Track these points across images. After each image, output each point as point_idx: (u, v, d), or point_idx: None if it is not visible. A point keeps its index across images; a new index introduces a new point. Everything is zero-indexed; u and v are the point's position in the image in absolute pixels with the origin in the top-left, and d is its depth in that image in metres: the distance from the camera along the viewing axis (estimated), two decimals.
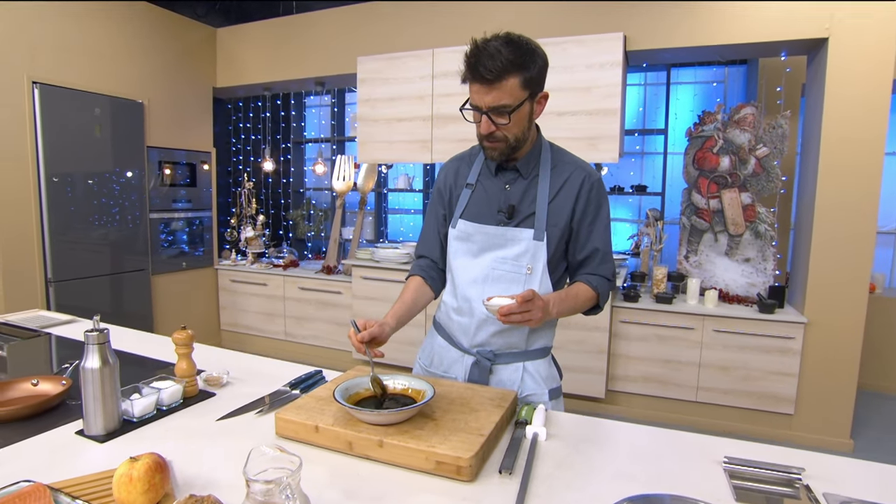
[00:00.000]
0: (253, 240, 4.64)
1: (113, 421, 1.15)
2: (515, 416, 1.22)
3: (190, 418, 1.23)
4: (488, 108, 1.22)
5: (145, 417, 1.21)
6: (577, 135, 3.32)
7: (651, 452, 1.08)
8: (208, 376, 1.43)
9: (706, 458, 1.05)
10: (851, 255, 2.90)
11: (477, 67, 1.18)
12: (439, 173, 1.52)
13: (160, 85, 4.13)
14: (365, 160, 4.02)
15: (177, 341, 1.33)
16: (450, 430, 1.05)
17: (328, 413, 1.12)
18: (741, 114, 3.28)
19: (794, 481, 0.95)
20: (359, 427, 1.05)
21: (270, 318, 4.48)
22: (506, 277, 1.35)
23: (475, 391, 1.26)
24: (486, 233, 1.36)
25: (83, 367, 1.11)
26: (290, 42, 4.25)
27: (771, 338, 3.03)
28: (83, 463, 1.02)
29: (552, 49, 3.27)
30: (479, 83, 1.20)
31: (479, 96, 1.22)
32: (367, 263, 3.90)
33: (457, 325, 1.42)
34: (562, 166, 1.37)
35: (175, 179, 4.28)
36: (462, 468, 0.95)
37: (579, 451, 1.08)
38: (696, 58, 3.54)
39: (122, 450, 1.07)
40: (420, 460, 0.98)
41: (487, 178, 1.40)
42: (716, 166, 3.38)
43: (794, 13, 2.90)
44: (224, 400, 1.33)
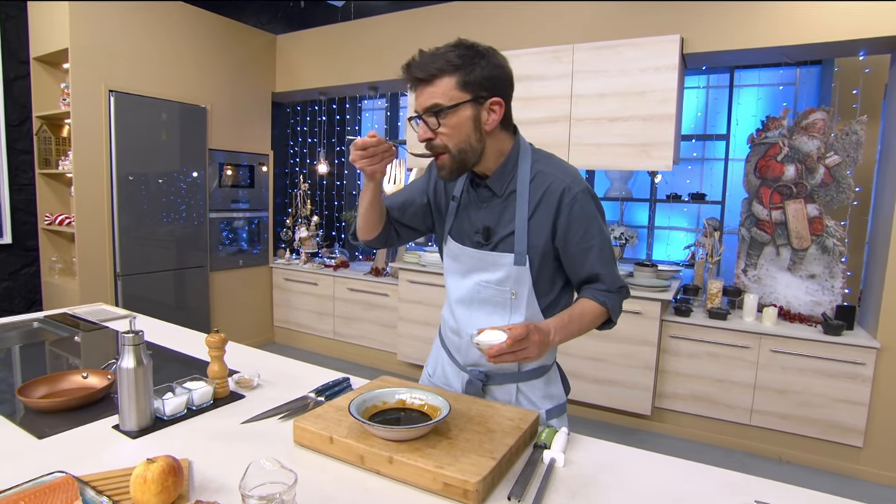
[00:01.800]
0: (307, 240, 4.77)
1: (145, 418, 1.20)
2: (535, 439, 1.18)
3: (217, 419, 1.27)
4: (422, 110, 1.14)
5: (176, 416, 1.26)
6: (629, 141, 3.20)
7: (674, 489, 1.02)
8: (240, 378, 1.47)
9: (733, 498, 0.97)
10: None
11: (409, 69, 1.13)
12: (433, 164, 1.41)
13: (222, 90, 4.33)
14: (414, 164, 4.05)
15: (210, 344, 1.38)
16: (462, 450, 1.02)
17: (344, 425, 1.12)
18: (810, 119, 3.06)
19: None
20: (371, 441, 1.04)
21: (320, 316, 4.59)
22: (491, 301, 1.29)
23: (495, 409, 1.23)
24: (468, 255, 1.30)
25: (119, 366, 1.17)
26: (346, 47, 4.35)
27: (837, 362, 2.80)
28: (114, 457, 1.07)
29: (605, 52, 3.20)
30: (413, 86, 1.15)
31: (417, 100, 1.16)
32: (413, 267, 3.93)
33: (451, 342, 1.41)
34: (540, 177, 1.22)
35: (235, 180, 4.48)
36: (469, 492, 0.92)
37: (597, 482, 1.03)
38: (761, 59, 3.33)
39: (150, 446, 1.12)
40: (428, 480, 0.96)
41: (469, 194, 1.31)
42: (780, 175, 3.17)
43: (875, 8, 2.66)
44: (252, 402, 1.37)
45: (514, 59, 3.51)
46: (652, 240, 4.28)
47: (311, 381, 1.50)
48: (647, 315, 3.17)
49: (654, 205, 4.21)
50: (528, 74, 3.44)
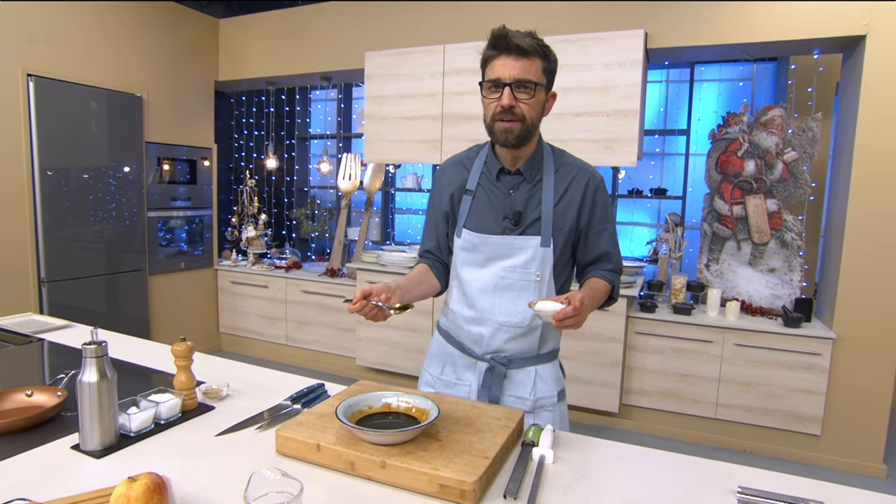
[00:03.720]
0: (255, 240, 4.69)
1: (110, 436, 1.18)
2: (522, 437, 1.24)
3: (188, 433, 1.26)
4: (513, 80, 1.27)
5: (143, 432, 1.24)
6: (593, 136, 3.33)
7: (661, 479, 1.10)
8: (207, 389, 1.46)
9: (719, 486, 1.06)
10: (885, 266, 2.89)
11: (508, 39, 1.26)
12: (439, 174, 1.58)
13: (160, 78, 4.19)
14: (372, 160, 4.06)
15: (176, 353, 1.36)
16: (454, 451, 1.07)
17: (330, 431, 1.14)
18: (769, 115, 3.28)
19: None
20: (361, 447, 1.07)
21: (271, 321, 4.53)
22: (515, 286, 1.41)
23: (481, 410, 1.28)
24: (492, 243, 1.42)
25: (80, 380, 1.15)
26: (296, 35, 4.30)
27: (796, 353, 3.02)
28: (78, 479, 1.05)
29: (571, 46, 3.31)
30: (506, 55, 1.27)
31: (505, 69, 1.27)
32: (372, 267, 3.94)
33: (467, 333, 1.48)
34: (565, 168, 1.43)
35: (174, 176, 4.34)
36: (466, 492, 0.97)
37: (587, 476, 1.10)
38: (721, 56, 3.54)
39: (118, 466, 1.10)
40: (423, 483, 1.00)
41: (489, 183, 1.44)
42: (740, 171, 3.38)
43: (829, 9, 2.89)
44: (223, 414, 1.36)
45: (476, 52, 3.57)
46: None
47: (283, 389, 1.51)
48: (614, 311, 3.31)
49: (615, 200, 4.38)
50: None
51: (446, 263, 1.58)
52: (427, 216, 1.61)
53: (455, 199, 1.50)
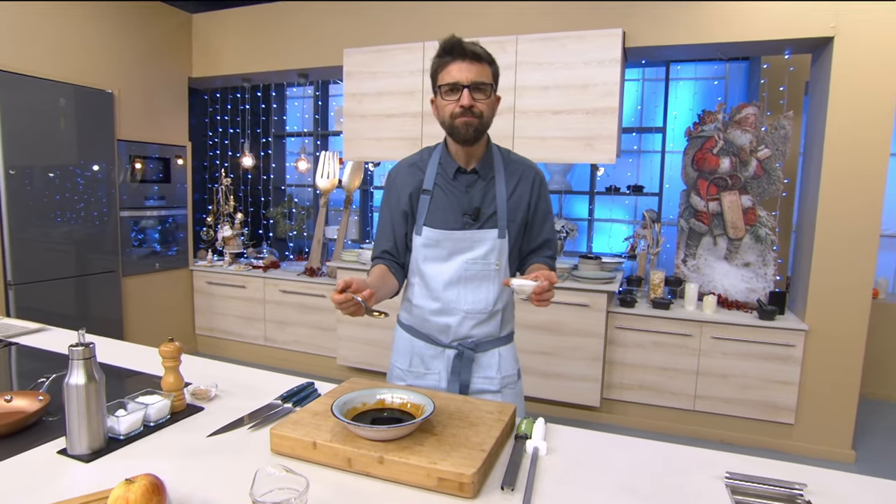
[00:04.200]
0: (231, 239, 4.63)
1: (98, 439, 1.16)
2: (515, 430, 1.27)
3: (179, 434, 1.25)
4: (470, 83, 1.40)
5: (132, 434, 1.23)
6: (573, 134, 3.38)
7: (652, 467, 1.14)
8: (196, 389, 1.45)
9: (707, 472, 1.11)
10: (854, 260, 3.00)
11: (463, 46, 1.41)
12: (393, 177, 1.63)
13: (132, 74, 4.11)
14: (351, 157, 4.05)
15: (164, 354, 1.35)
16: (451, 445, 1.09)
17: (325, 429, 1.15)
18: (742, 114, 3.37)
19: (795, 497, 1.01)
20: (358, 443, 1.09)
21: (249, 322, 4.48)
22: (478, 276, 1.55)
23: (474, 405, 1.30)
24: (454, 238, 1.53)
25: (67, 383, 1.13)
26: (272, 31, 4.26)
27: (771, 345, 3.12)
28: (68, 484, 1.03)
29: (551, 45, 3.35)
30: (461, 60, 1.41)
31: (462, 73, 1.40)
32: (352, 265, 3.93)
33: (434, 325, 1.58)
34: (513, 165, 1.59)
35: (147, 175, 4.26)
36: (465, 485, 0.99)
37: (580, 466, 1.13)
38: (696, 55, 3.63)
39: (109, 469, 1.09)
40: (422, 477, 1.02)
41: (446, 183, 1.55)
42: (716, 168, 3.47)
43: (799, 11, 2.98)
44: (213, 414, 1.36)
45: None
46: (592, 232, 4.52)
47: (271, 389, 1.51)
48: (594, 307, 3.37)
49: (593, 197, 4.45)
50: None
51: (402, 263, 1.64)
52: (381, 218, 1.65)
53: (413, 198, 1.57)
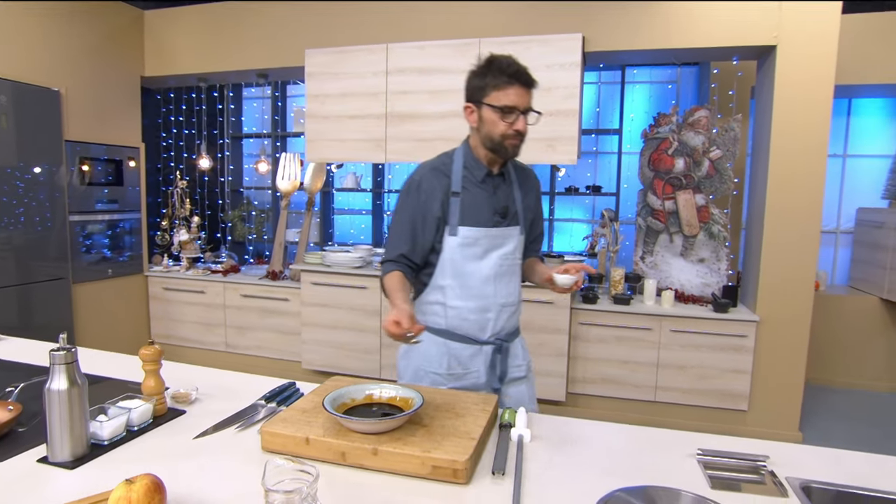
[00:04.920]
0: (187, 243, 4.53)
1: (81, 445, 1.15)
2: (499, 420, 1.33)
3: (164, 437, 1.26)
4: (525, 108, 1.54)
5: (115, 439, 1.23)
6: (536, 136, 3.45)
7: (629, 449, 1.22)
8: (176, 393, 1.45)
9: (680, 451, 1.20)
10: (798, 255, 3.22)
11: (523, 73, 1.53)
12: (416, 180, 1.64)
13: (80, 72, 3.97)
14: (313, 159, 4.03)
15: (145, 357, 1.35)
16: (441, 435, 1.14)
17: (316, 424, 1.18)
18: (695, 116, 3.55)
19: (759, 468, 1.11)
20: (351, 437, 1.12)
21: (209, 328, 4.39)
22: (508, 271, 1.67)
23: (458, 397, 1.36)
24: (490, 235, 1.63)
25: (48, 388, 1.12)
26: (231, 30, 4.19)
27: (725, 336, 3.30)
28: (53, 492, 1.02)
29: (515, 47, 3.40)
30: (521, 86, 1.53)
31: (521, 98, 1.53)
32: (317, 268, 3.91)
33: (473, 323, 1.65)
34: (520, 170, 1.75)
35: (97, 177, 4.12)
36: (458, 471, 1.04)
37: (563, 451, 1.20)
38: (651, 60, 3.79)
39: (95, 475, 1.08)
40: (416, 466, 1.06)
41: (474, 185, 1.63)
42: (671, 168, 3.64)
43: (745, 21, 3.18)
44: (196, 417, 1.36)
45: (419, 52, 3.68)
46: (553, 232, 4.65)
47: (252, 390, 1.52)
48: (558, 304, 3.48)
49: (553, 198, 4.57)
50: (434, 67, 3.60)
51: (416, 268, 1.66)
52: (400, 221, 1.64)
53: (444, 202, 1.61)
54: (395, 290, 1.52)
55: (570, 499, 1.01)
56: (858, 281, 4.43)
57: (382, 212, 5.00)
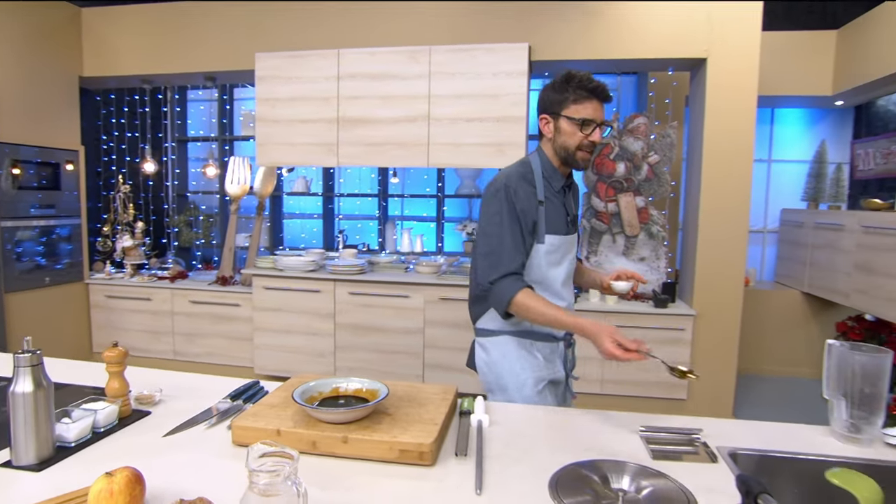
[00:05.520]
0: (131, 250, 4.41)
1: (47, 448, 1.15)
2: (458, 408, 1.42)
3: (132, 437, 1.27)
4: (601, 122, 1.63)
5: (81, 441, 1.23)
6: (486, 140, 3.60)
7: (579, 429, 1.33)
8: (139, 395, 1.46)
9: (625, 429, 1.32)
10: (729, 253, 3.48)
11: (602, 90, 1.61)
12: (512, 188, 1.62)
13: (12, 70, 3.80)
14: (264, 163, 4.02)
15: (109, 360, 1.36)
16: (406, 422, 1.22)
17: (286, 417, 1.23)
18: (634, 123, 3.77)
19: (694, 440, 1.24)
20: (321, 427, 1.18)
21: (155, 336, 4.29)
22: (571, 273, 1.79)
23: (419, 388, 1.44)
24: (567, 242, 1.72)
25: (13, 391, 1.13)
26: (178, 31, 4.12)
27: (665, 330, 3.52)
28: (19, 496, 1.02)
29: (463, 55, 3.56)
30: (598, 101, 1.62)
31: (598, 113, 1.62)
32: (269, 272, 3.90)
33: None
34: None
35: (31, 181, 3.96)
36: (424, 453, 1.12)
37: (519, 433, 1.30)
38: (593, 69, 3.99)
39: (63, 476, 1.09)
40: (384, 451, 1.13)
41: (553, 194, 1.71)
42: (612, 172, 3.84)
43: (679, 35, 3.42)
44: (161, 417, 1.38)
45: (370, 57, 3.74)
46: None
47: (216, 390, 1.55)
48: None
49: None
50: (386, 73, 3.67)
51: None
52: (508, 232, 1.60)
53: (530, 211, 1.64)
54: (555, 308, 1.54)
55: (528, 474, 1.10)
56: (783, 276, 4.78)
57: (333, 216, 5.02)
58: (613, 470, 1.10)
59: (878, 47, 3.61)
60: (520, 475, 1.10)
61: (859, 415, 1.24)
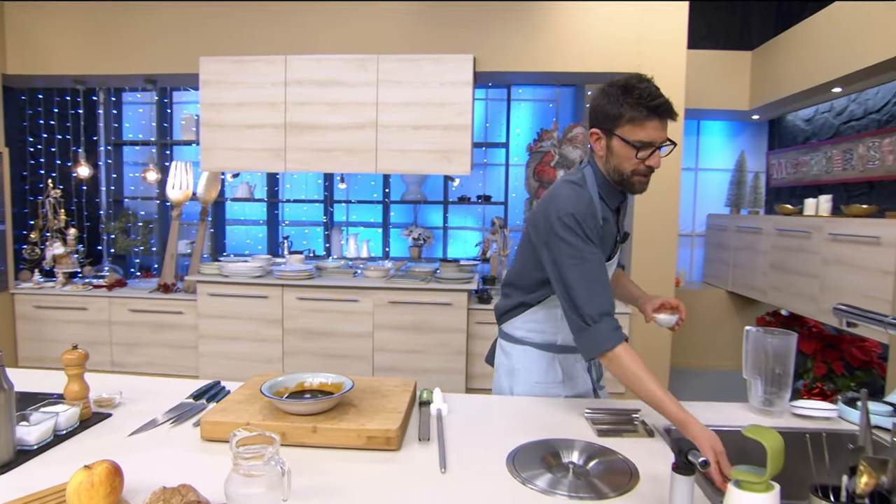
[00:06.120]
0: (63, 257, 4.22)
1: (8, 451, 1.15)
2: (418, 399, 1.50)
3: (96, 438, 1.28)
4: (661, 142, 1.39)
5: (42, 444, 1.23)
6: (432, 148, 3.71)
7: (531, 414, 1.45)
8: (98, 398, 1.46)
9: (573, 413, 1.44)
10: (661, 255, 3.73)
11: (663, 107, 1.36)
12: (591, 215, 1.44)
13: None
14: (209, 168, 3.97)
15: (68, 362, 1.36)
16: (371, 411, 1.29)
17: (254, 411, 1.28)
18: (573, 132, 3.98)
19: (633, 419, 1.38)
20: (290, 419, 1.24)
21: (92, 347, 4.11)
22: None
23: (381, 381, 1.51)
24: (611, 264, 1.59)
25: None
26: (115, 31, 4.00)
27: None
28: None
29: (410, 65, 3.66)
30: (659, 120, 1.37)
31: (657, 132, 1.37)
32: (215, 279, 3.85)
33: None
34: None
35: None
36: (391, 438, 1.20)
37: (476, 419, 1.40)
38: (535, 81, 4.19)
39: (26, 478, 1.09)
40: (352, 438, 1.21)
41: (607, 213, 1.52)
42: (553, 178, 4.04)
43: (614, 50, 3.66)
44: (123, 419, 1.39)
45: (317, 64, 3.79)
46: (447, 239, 4.91)
47: (177, 391, 1.56)
48: (456, 305, 3.72)
49: (447, 207, 4.84)
50: (333, 80, 3.71)
51: None
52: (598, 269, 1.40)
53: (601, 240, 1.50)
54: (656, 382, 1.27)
55: (487, 453, 1.20)
56: (710, 277, 5.14)
57: (278, 222, 4.98)
58: (564, 447, 1.22)
59: (787, 68, 3.98)
60: (479, 455, 1.20)
61: (772, 391, 1.42)
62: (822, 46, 3.57)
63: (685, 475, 0.89)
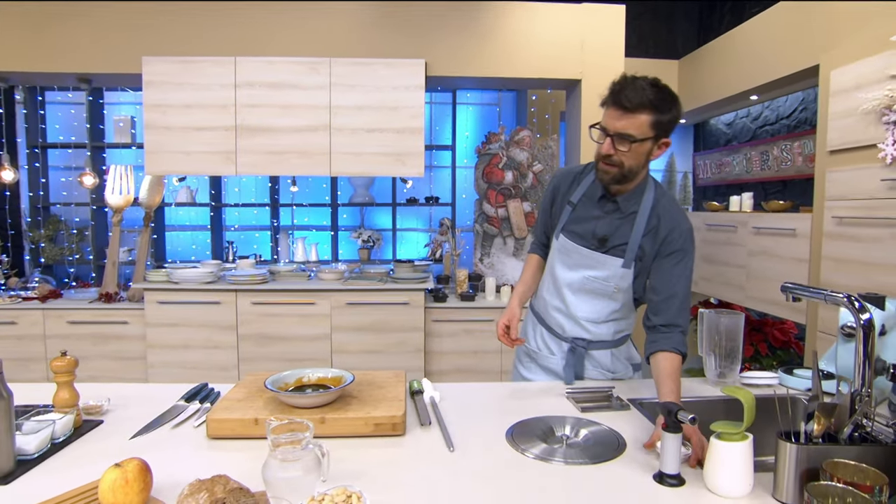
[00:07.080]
0: None
1: (9, 461, 1.13)
2: (409, 390, 1.58)
3: (95, 443, 1.28)
4: (614, 133, 1.42)
5: (41, 453, 1.22)
6: (386, 150, 3.78)
7: (517, 398, 1.56)
8: (86, 405, 1.45)
9: (554, 394, 1.57)
10: None
11: (619, 94, 1.39)
12: (557, 176, 1.74)
13: None
14: (155, 171, 3.84)
15: (58, 369, 1.35)
16: (374, 400, 1.36)
17: (259, 407, 1.32)
18: (520, 135, 4.16)
19: (609, 396, 1.53)
20: (298, 412, 1.29)
21: (23, 363, 3.88)
22: (596, 291, 1.63)
23: (374, 374, 1.58)
24: (580, 253, 1.62)
25: None
26: (45, 28, 3.78)
27: None
28: None
29: (363, 69, 3.71)
30: (615, 108, 1.41)
31: (612, 121, 1.42)
32: (163, 286, 3.73)
33: (553, 319, 1.73)
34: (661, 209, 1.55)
35: None
36: (397, 424, 1.28)
37: (468, 405, 1.50)
38: (480, 85, 4.33)
39: (33, 488, 1.07)
40: (360, 426, 1.27)
41: (590, 202, 1.60)
42: (501, 180, 4.20)
43: (557, 57, 3.85)
44: (116, 424, 1.39)
45: (269, 66, 3.78)
46: (396, 241, 4.98)
47: (165, 396, 1.56)
48: (413, 304, 3.80)
49: (395, 208, 4.90)
50: (285, 82, 3.70)
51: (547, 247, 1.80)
52: (541, 208, 1.80)
53: (557, 203, 1.70)
54: (519, 282, 1.82)
55: (488, 432, 1.30)
56: None
57: (222, 227, 4.87)
58: (556, 422, 1.34)
59: (710, 77, 4.34)
60: (480, 434, 1.30)
61: (724, 364, 1.60)
62: (741, 58, 3.92)
63: (674, 433, 1.03)
